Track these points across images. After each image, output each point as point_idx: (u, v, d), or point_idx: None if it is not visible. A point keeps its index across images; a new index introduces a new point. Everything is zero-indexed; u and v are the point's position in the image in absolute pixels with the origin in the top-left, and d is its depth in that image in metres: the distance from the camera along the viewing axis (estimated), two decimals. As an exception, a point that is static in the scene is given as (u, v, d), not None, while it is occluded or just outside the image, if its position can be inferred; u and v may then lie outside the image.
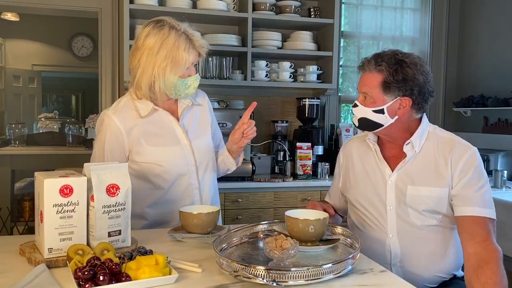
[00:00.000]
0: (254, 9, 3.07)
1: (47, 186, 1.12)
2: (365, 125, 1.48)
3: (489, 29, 3.55)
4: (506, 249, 2.35)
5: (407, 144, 1.46)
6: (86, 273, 0.95)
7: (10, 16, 5.67)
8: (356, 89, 1.52)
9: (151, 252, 1.15)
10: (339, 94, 3.63)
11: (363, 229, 1.56)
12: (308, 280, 1.01)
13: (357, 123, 1.51)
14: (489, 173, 2.87)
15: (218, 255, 1.09)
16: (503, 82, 3.35)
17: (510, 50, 3.35)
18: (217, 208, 1.42)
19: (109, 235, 1.21)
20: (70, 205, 1.15)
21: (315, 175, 3.09)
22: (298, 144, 3.06)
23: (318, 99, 3.29)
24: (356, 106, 1.49)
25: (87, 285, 0.94)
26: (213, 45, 2.99)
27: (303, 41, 3.21)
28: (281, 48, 3.21)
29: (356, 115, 1.50)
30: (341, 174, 1.68)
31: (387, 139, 1.53)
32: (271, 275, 1.00)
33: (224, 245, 1.24)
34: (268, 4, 3.10)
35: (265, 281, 0.99)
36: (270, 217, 2.84)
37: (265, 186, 2.87)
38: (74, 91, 7.56)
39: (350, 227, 1.63)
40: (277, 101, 3.46)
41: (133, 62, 1.54)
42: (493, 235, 1.37)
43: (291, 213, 1.28)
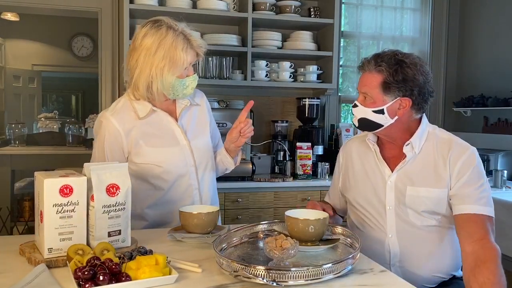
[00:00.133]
0: (254, 9, 3.07)
1: (47, 186, 1.12)
2: (365, 125, 1.48)
3: (489, 29, 3.55)
4: (506, 249, 2.36)
5: (407, 145, 1.46)
6: (86, 273, 0.95)
7: (10, 16, 5.67)
8: (356, 89, 1.52)
9: (151, 252, 1.15)
10: (339, 94, 3.63)
11: (362, 229, 1.56)
12: (308, 280, 1.01)
13: (357, 124, 1.51)
14: (489, 173, 2.87)
15: (218, 255, 1.09)
16: (503, 82, 3.35)
17: (510, 50, 3.35)
18: (217, 208, 1.42)
19: (109, 235, 1.21)
20: (70, 205, 1.15)
21: (315, 175, 3.09)
22: (298, 144, 3.06)
23: (318, 99, 3.29)
24: (356, 106, 1.49)
25: (87, 285, 0.94)
26: (213, 45, 2.99)
27: (303, 41, 3.21)
28: (281, 48, 3.21)
29: (356, 116, 1.50)
30: (340, 174, 1.68)
31: (387, 140, 1.53)
32: (271, 275, 1.00)
33: (224, 245, 1.24)
34: (268, 4, 3.10)
35: (265, 281, 0.99)
36: (270, 217, 2.84)
37: (265, 186, 2.87)
38: (74, 91, 7.56)
39: (350, 227, 1.63)
40: (277, 101, 3.46)
41: (130, 62, 1.52)
42: (491, 234, 1.36)
43: (291, 213, 1.28)
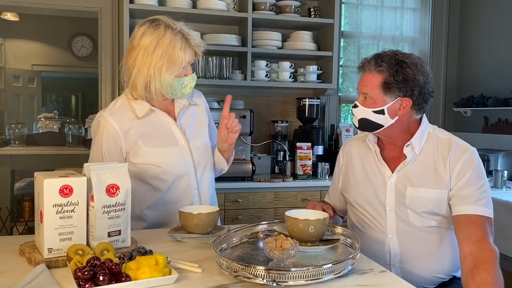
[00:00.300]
0: (254, 9, 3.07)
1: (47, 186, 1.12)
2: (366, 125, 1.48)
3: (489, 29, 3.55)
4: (506, 249, 2.36)
5: (407, 145, 1.46)
6: (86, 273, 0.95)
7: (10, 16, 5.67)
8: (356, 89, 1.52)
9: (151, 252, 1.15)
10: (339, 94, 3.63)
11: (363, 230, 1.56)
12: (308, 280, 1.01)
13: (357, 124, 1.51)
14: (489, 173, 2.87)
15: (218, 255, 1.09)
16: (503, 82, 3.35)
17: (510, 50, 3.35)
18: (217, 208, 1.42)
19: (109, 235, 1.21)
20: (70, 205, 1.15)
21: (315, 175, 3.09)
22: (298, 144, 3.06)
23: (318, 99, 3.29)
24: (356, 106, 1.49)
25: (87, 285, 0.94)
26: (213, 45, 2.99)
27: (303, 41, 3.21)
28: (281, 48, 3.21)
29: (356, 116, 1.50)
30: (340, 174, 1.68)
31: (387, 140, 1.52)
32: (271, 275, 0.99)
33: (224, 245, 1.24)
34: (268, 4, 3.10)
35: (265, 281, 0.99)
36: (270, 217, 2.84)
37: (265, 186, 2.87)
38: (74, 91, 7.56)
39: (350, 228, 1.63)
40: (277, 101, 3.46)
41: (128, 61, 1.52)
42: (490, 235, 1.35)
43: (291, 213, 1.28)
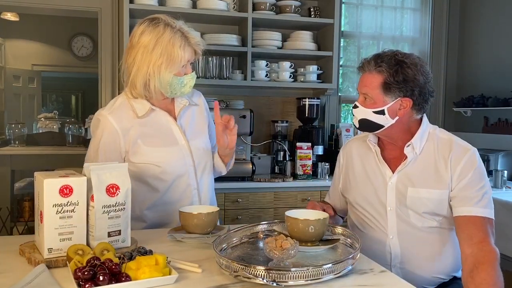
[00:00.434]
0: (254, 9, 3.07)
1: (47, 186, 1.12)
2: (366, 126, 1.48)
3: (489, 29, 3.55)
4: (506, 249, 2.36)
5: (408, 146, 1.46)
6: (86, 273, 0.95)
7: (10, 16, 5.67)
8: (356, 89, 1.52)
9: (151, 252, 1.15)
10: (339, 94, 3.62)
11: (363, 230, 1.56)
12: (308, 280, 1.01)
13: (357, 125, 1.50)
14: (489, 173, 2.87)
15: (218, 255, 1.09)
16: (503, 82, 3.35)
17: (510, 50, 3.35)
18: (217, 208, 1.42)
19: (109, 235, 1.21)
20: (70, 205, 1.15)
21: (315, 175, 3.09)
22: (298, 144, 3.05)
23: (318, 99, 3.29)
24: (356, 107, 1.49)
25: (87, 285, 0.94)
26: (213, 45, 2.99)
27: (303, 41, 3.21)
28: (281, 48, 3.21)
29: (356, 116, 1.49)
30: (341, 174, 1.67)
31: (387, 141, 1.52)
32: (271, 275, 0.99)
33: (224, 245, 1.24)
34: (268, 4, 3.10)
35: (265, 281, 0.99)
36: (270, 217, 2.84)
37: (265, 186, 2.87)
38: (74, 91, 7.56)
39: (350, 228, 1.63)
40: (277, 101, 3.46)
41: (128, 60, 1.52)
42: (491, 236, 1.36)
43: (291, 213, 1.28)
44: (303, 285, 1.01)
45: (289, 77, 3.19)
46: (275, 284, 0.99)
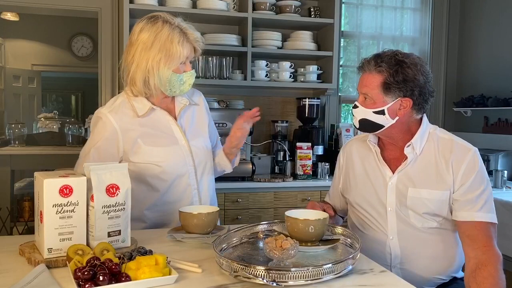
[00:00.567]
0: (254, 9, 3.07)
1: (47, 186, 1.12)
2: (366, 126, 1.47)
3: (489, 29, 3.55)
4: (506, 249, 2.36)
5: (408, 146, 1.45)
6: (86, 273, 0.95)
7: (10, 16, 5.67)
8: (356, 89, 1.51)
9: (151, 252, 1.15)
10: (339, 94, 3.62)
11: (363, 230, 1.56)
12: (308, 280, 1.01)
13: (357, 125, 1.50)
14: (489, 173, 2.86)
15: (218, 255, 1.09)
16: (503, 82, 3.35)
17: (510, 50, 3.35)
18: (217, 208, 1.41)
19: (109, 235, 1.21)
20: (69, 205, 1.15)
21: (315, 175, 3.09)
22: (298, 144, 3.05)
23: (318, 99, 3.29)
24: (356, 107, 1.48)
25: (87, 285, 0.94)
26: (213, 45, 2.99)
27: (303, 41, 3.21)
28: (281, 48, 3.21)
29: (356, 117, 1.49)
30: (341, 175, 1.67)
31: (388, 141, 1.52)
32: (271, 275, 0.99)
33: (224, 245, 1.24)
34: (268, 4, 3.10)
35: (265, 281, 0.99)
36: (270, 217, 2.84)
37: (265, 186, 2.87)
38: (73, 91, 7.56)
39: (350, 228, 1.63)
40: (277, 101, 3.46)
41: (127, 58, 1.52)
42: (494, 240, 1.38)
43: (291, 213, 1.28)
44: (303, 285, 1.01)
45: (289, 77, 3.19)
46: (275, 284, 0.99)
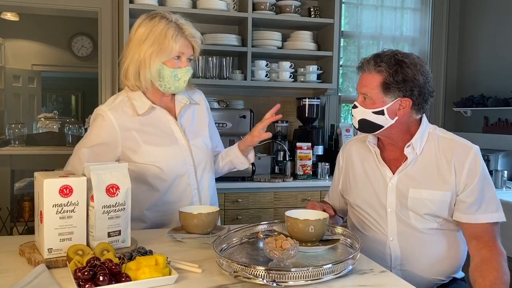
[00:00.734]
0: (254, 9, 3.07)
1: (47, 186, 1.12)
2: (365, 126, 1.47)
3: (489, 29, 3.55)
4: (507, 249, 2.35)
5: (408, 146, 1.45)
6: (86, 273, 0.95)
7: (10, 16, 5.67)
8: (356, 89, 1.51)
9: (151, 252, 1.15)
10: (339, 94, 3.62)
11: (363, 231, 1.56)
12: (308, 280, 1.01)
13: (357, 125, 1.49)
14: (489, 173, 2.87)
15: (218, 256, 1.09)
16: (503, 82, 3.35)
17: (510, 50, 3.35)
18: (217, 208, 1.41)
19: (109, 235, 1.21)
20: (69, 205, 1.15)
21: (315, 175, 3.09)
22: (298, 144, 3.05)
23: (318, 99, 3.29)
24: (355, 107, 1.48)
25: (87, 286, 0.94)
26: (213, 45, 2.99)
27: (303, 41, 3.21)
28: (281, 48, 3.21)
29: (355, 117, 1.48)
30: (340, 176, 1.67)
31: (387, 141, 1.51)
32: (271, 275, 0.99)
33: (224, 246, 1.24)
34: (268, 4, 3.10)
35: (265, 281, 0.99)
36: (270, 217, 2.84)
37: (265, 186, 2.87)
38: (73, 91, 7.56)
39: (350, 229, 1.63)
40: (277, 101, 3.43)
41: (125, 52, 1.55)
42: (498, 238, 1.40)
43: (291, 213, 1.28)
44: (303, 285, 1.01)
45: (289, 77, 3.19)
46: (275, 284, 0.99)
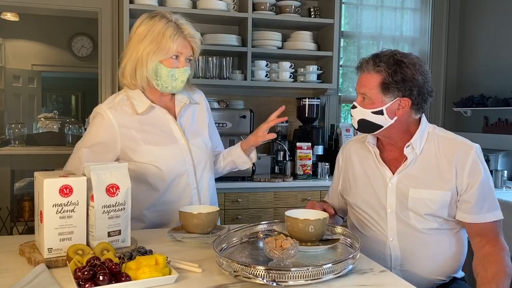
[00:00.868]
0: (254, 9, 3.07)
1: (47, 186, 1.12)
2: (365, 127, 1.47)
3: (489, 29, 3.55)
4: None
5: (407, 146, 1.45)
6: (86, 273, 0.95)
7: (10, 16, 5.67)
8: (355, 89, 1.51)
9: (151, 252, 1.15)
10: (339, 94, 3.62)
11: (363, 232, 1.56)
12: (308, 280, 1.01)
13: (356, 126, 1.49)
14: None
15: (218, 255, 1.09)
16: (503, 82, 3.35)
17: (510, 50, 3.35)
18: (217, 208, 1.41)
19: (109, 235, 1.21)
20: (69, 205, 1.15)
21: (315, 175, 3.09)
22: (298, 144, 3.05)
23: (318, 99, 3.29)
24: (354, 107, 1.48)
25: (87, 285, 0.94)
26: (213, 45, 2.99)
27: (303, 41, 3.21)
28: (281, 48, 3.21)
29: (354, 117, 1.48)
30: (340, 176, 1.67)
31: (387, 141, 1.51)
32: (271, 275, 0.99)
33: (224, 245, 1.24)
34: (268, 4, 3.10)
35: (265, 281, 0.99)
36: (270, 217, 2.84)
37: (265, 186, 2.87)
38: (73, 91, 7.56)
39: (350, 229, 1.63)
40: (277, 101, 3.46)
41: (125, 51, 1.55)
42: (501, 233, 1.42)
43: (291, 213, 1.28)
44: (303, 285, 1.01)
45: (289, 77, 3.19)
46: (275, 284, 0.99)
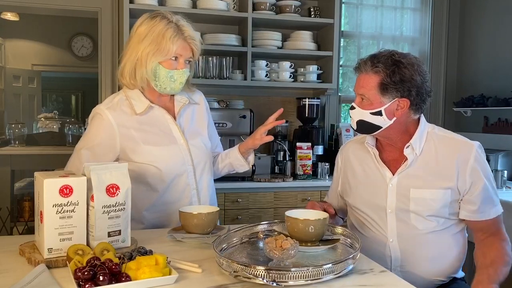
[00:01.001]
0: (254, 9, 3.07)
1: (47, 186, 1.12)
2: (363, 127, 1.46)
3: (489, 28, 3.55)
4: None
5: (407, 147, 1.45)
6: (86, 273, 0.95)
7: (10, 16, 5.67)
8: (353, 90, 1.51)
9: (151, 252, 1.15)
10: (339, 94, 3.62)
11: (363, 232, 1.56)
12: (308, 280, 1.01)
13: (355, 126, 1.48)
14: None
15: (218, 255, 1.09)
16: (503, 82, 3.35)
17: (510, 50, 3.35)
18: (217, 208, 1.41)
19: (109, 235, 1.21)
20: (70, 205, 1.15)
21: (315, 175, 3.09)
22: (298, 144, 3.06)
23: (318, 99, 3.29)
24: (353, 108, 1.47)
25: (87, 285, 0.94)
26: (213, 45, 2.99)
27: (303, 41, 3.21)
28: (281, 48, 3.21)
29: (353, 118, 1.48)
30: (339, 178, 1.67)
31: (386, 142, 1.51)
32: (271, 275, 1.00)
33: (224, 245, 1.24)
34: (268, 4, 3.10)
35: (265, 281, 0.99)
36: (270, 217, 2.84)
37: (265, 186, 2.87)
38: (74, 91, 7.56)
39: (350, 229, 1.62)
40: (277, 101, 3.46)
41: (124, 51, 1.55)
42: (502, 226, 1.45)
43: (291, 213, 1.28)
44: (303, 285, 1.01)
45: (289, 77, 3.19)
46: (275, 284, 0.99)
